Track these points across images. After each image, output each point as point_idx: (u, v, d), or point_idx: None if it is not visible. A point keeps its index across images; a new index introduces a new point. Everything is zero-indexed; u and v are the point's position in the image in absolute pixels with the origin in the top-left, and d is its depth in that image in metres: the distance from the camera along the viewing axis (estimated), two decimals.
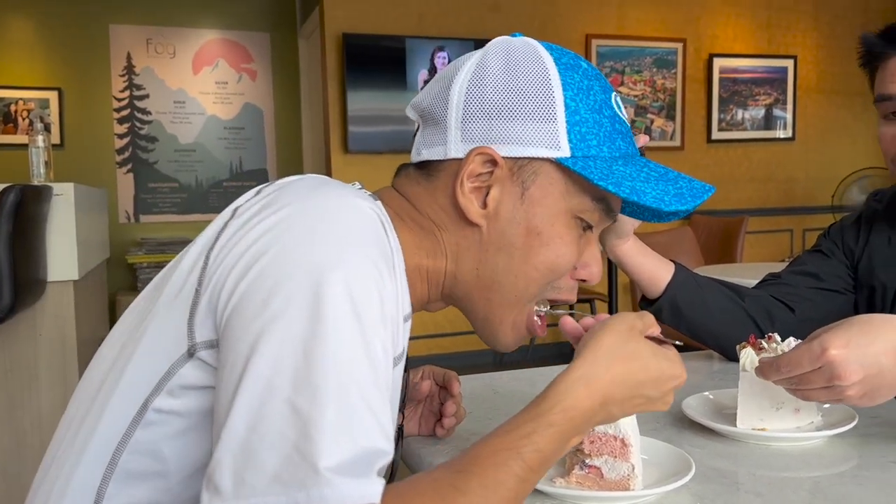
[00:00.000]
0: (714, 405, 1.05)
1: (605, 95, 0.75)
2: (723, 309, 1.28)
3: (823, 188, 5.90)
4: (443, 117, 0.74)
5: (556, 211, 0.72)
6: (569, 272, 0.76)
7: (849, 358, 0.81)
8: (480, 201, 0.72)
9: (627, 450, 0.75)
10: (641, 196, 0.70)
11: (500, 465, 0.60)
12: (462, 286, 0.76)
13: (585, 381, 0.65)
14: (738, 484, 0.83)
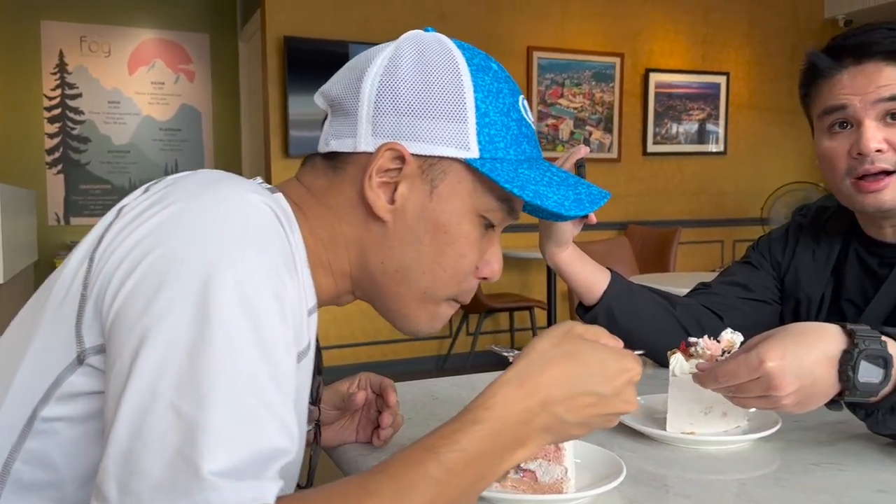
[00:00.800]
0: (645, 410, 1.08)
1: (514, 98, 0.76)
2: (655, 316, 1.32)
3: (753, 201, 6.11)
4: (353, 109, 0.73)
5: (463, 210, 0.73)
6: (473, 271, 0.77)
7: (784, 369, 0.83)
8: (388, 196, 0.73)
9: (561, 453, 0.76)
10: (544, 200, 0.72)
11: (416, 466, 0.59)
12: (369, 279, 0.76)
13: (518, 380, 0.64)
14: (668, 486, 0.85)
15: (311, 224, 0.74)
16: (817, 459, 0.91)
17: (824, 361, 0.85)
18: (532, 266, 5.40)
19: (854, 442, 0.96)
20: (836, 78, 1.14)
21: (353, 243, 0.75)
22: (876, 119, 1.10)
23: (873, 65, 1.10)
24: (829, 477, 0.85)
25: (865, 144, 1.09)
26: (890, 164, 1.10)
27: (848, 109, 1.12)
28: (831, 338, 0.86)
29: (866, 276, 1.27)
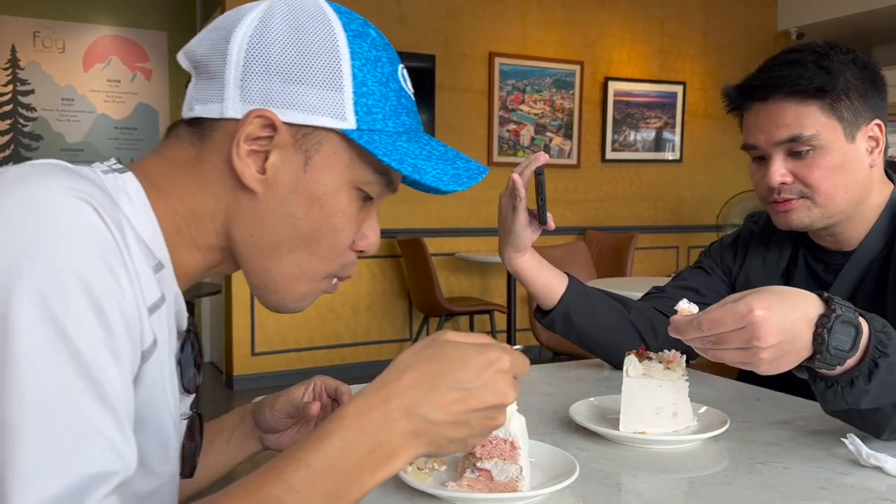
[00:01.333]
0: (599, 410, 1.10)
1: (393, 68, 0.72)
2: (610, 319, 1.34)
3: (708, 208, 6.24)
4: (220, 72, 0.68)
5: (340, 183, 0.70)
6: (350, 245, 0.74)
7: (770, 320, 0.83)
8: (258, 166, 0.68)
9: (516, 452, 0.78)
10: (422, 174, 0.69)
11: (260, 488, 0.56)
12: (238, 249, 0.72)
13: (374, 389, 0.61)
14: (620, 484, 0.87)
15: (168, 200, 0.69)
16: (763, 458, 0.93)
17: (804, 321, 0.86)
18: (492, 270, 5.44)
19: (798, 442, 0.99)
20: (747, 115, 1.25)
21: (220, 215, 0.70)
22: (782, 153, 1.19)
23: (775, 104, 1.18)
24: (774, 475, 0.88)
25: (771, 179, 1.20)
26: (794, 195, 1.20)
27: (758, 148, 1.23)
28: (811, 301, 0.88)
29: (814, 282, 1.31)
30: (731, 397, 1.23)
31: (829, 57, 1.17)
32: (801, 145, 1.17)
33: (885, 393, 0.89)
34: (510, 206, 1.24)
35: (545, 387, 1.31)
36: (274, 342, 4.85)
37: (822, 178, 1.18)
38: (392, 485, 0.83)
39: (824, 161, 1.17)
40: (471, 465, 0.80)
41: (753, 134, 1.23)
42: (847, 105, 1.16)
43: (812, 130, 1.16)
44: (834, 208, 1.20)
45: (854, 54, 1.19)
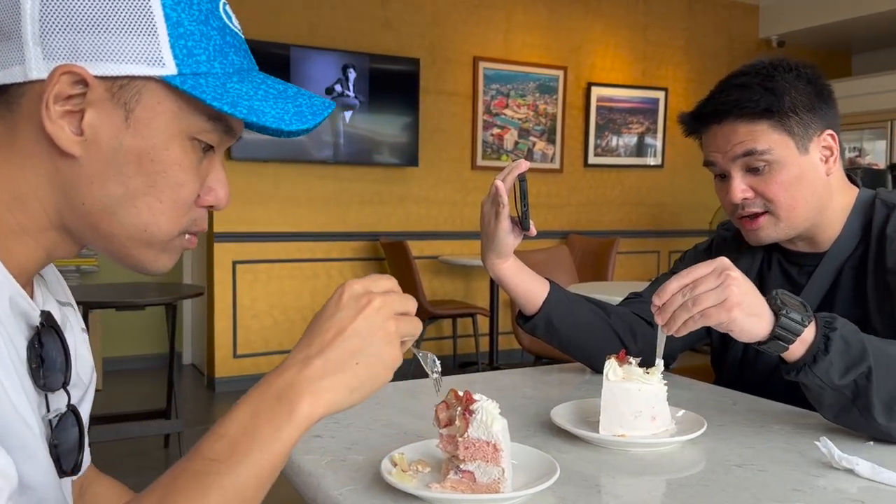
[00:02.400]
0: (580, 413, 1.12)
1: (212, 4, 0.68)
2: (591, 324, 1.36)
3: (689, 213, 6.30)
4: (15, 30, 0.61)
5: (169, 134, 0.65)
6: (196, 201, 0.70)
7: (739, 279, 0.98)
8: (74, 127, 0.62)
9: (498, 454, 0.79)
10: (260, 116, 0.65)
11: (184, 466, 0.59)
12: (76, 224, 0.67)
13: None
14: (599, 486, 0.89)
15: None
16: (739, 461, 0.96)
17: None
18: (475, 273, 5.46)
19: (772, 445, 1.02)
20: (705, 137, 1.31)
21: (45, 191, 0.65)
22: (741, 170, 1.25)
23: (729, 125, 1.25)
24: (749, 477, 0.90)
25: (733, 195, 1.25)
26: (759, 208, 1.26)
27: (717, 166, 1.29)
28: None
29: (787, 285, 1.35)
30: (708, 401, 1.25)
31: (774, 77, 1.23)
32: (756, 160, 1.22)
33: (850, 365, 0.98)
34: (493, 213, 1.26)
35: (527, 390, 1.33)
36: (256, 344, 4.84)
37: (781, 191, 1.23)
38: (376, 487, 0.85)
39: (781, 175, 1.23)
40: (454, 466, 0.81)
41: (711, 153, 1.29)
42: (796, 120, 1.22)
43: (765, 146, 1.22)
44: (797, 219, 1.25)
45: (798, 70, 1.25)
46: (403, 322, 0.70)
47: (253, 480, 0.59)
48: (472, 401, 0.81)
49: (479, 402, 0.81)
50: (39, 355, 0.68)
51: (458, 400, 0.82)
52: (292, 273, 4.90)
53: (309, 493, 0.89)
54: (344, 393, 0.65)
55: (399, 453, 0.88)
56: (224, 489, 0.58)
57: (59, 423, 0.71)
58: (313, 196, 4.91)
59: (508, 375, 1.48)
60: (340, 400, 0.65)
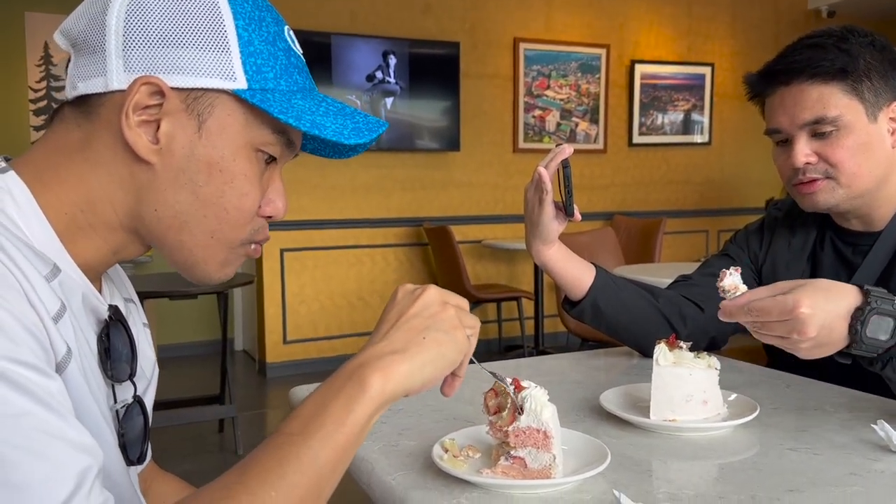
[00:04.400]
0: (629, 398, 1.11)
1: (278, 28, 0.72)
2: (638, 308, 1.35)
3: (738, 190, 6.18)
4: (100, 45, 0.66)
5: (237, 145, 0.68)
6: (257, 211, 0.73)
7: (814, 318, 0.93)
8: (151, 136, 0.66)
9: (549, 441, 0.80)
10: (322, 129, 0.68)
11: (265, 445, 0.62)
12: (147, 231, 0.70)
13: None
14: (651, 471, 0.89)
15: (58, 191, 0.67)
16: (793, 444, 0.95)
17: (844, 318, 0.96)
18: (519, 257, 5.45)
19: (827, 429, 1.00)
20: (770, 101, 1.27)
21: (118, 194, 0.68)
22: (806, 135, 1.22)
23: (798, 87, 1.21)
24: (804, 461, 0.89)
25: (795, 159, 1.22)
26: (819, 174, 1.23)
27: (781, 132, 1.25)
28: (851, 295, 0.97)
29: (841, 265, 1.32)
30: (760, 384, 1.24)
31: (848, 40, 1.19)
32: (824, 126, 1.19)
33: None
34: (536, 199, 1.25)
35: (575, 375, 1.33)
36: (305, 330, 4.92)
37: (847, 158, 1.20)
38: (429, 472, 0.86)
39: (848, 140, 1.19)
40: (505, 452, 0.82)
41: (776, 117, 1.25)
42: (868, 86, 1.19)
43: (835, 111, 1.18)
44: (858, 188, 1.22)
45: (872, 37, 1.22)
46: (462, 312, 0.72)
47: (328, 453, 0.61)
48: (521, 388, 0.82)
49: (527, 389, 0.81)
50: (107, 348, 0.71)
51: (513, 385, 0.83)
52: (338, 260, 4.96)
53: (363, 479, 0.91)
54: (415, 367, 0.66)
55: (450, 439, 0.89)
56: (300, 460, 0.60)
57: (126, 414, 0.75)
58: (357, 184, 4.94)
59: (556, 360, 1.48)
60: (412, 376, 0.66)
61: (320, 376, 0.96)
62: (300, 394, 1.23)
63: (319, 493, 0.61)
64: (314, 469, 0.60)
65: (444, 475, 0.84)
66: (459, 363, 0.72)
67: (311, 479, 0.60)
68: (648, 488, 0.83)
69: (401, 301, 0.71)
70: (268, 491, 0.58)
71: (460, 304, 0.73)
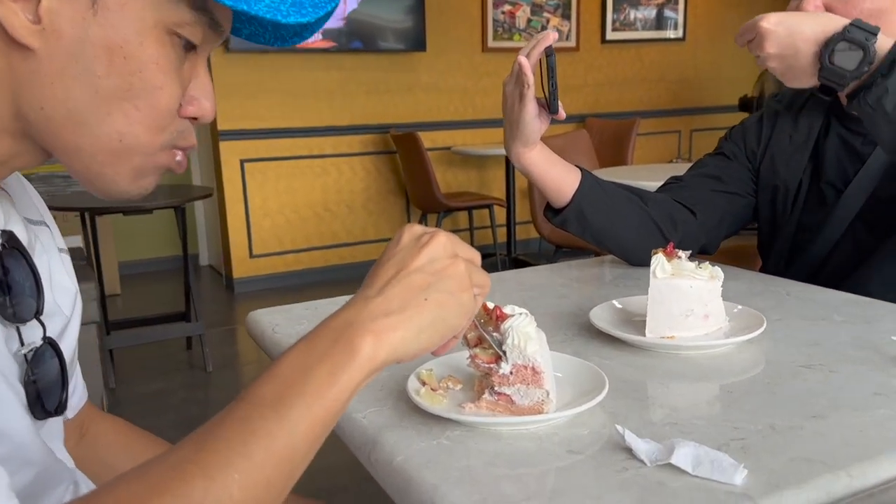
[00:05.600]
0: (622, 314, 1.01)
1: None
2: (627, 214, 1.24)
3: (712, 88, 6.04)
4: None
5: (145, 25, 0.53)
6: (178, 110, 0.58)
7: (773, 34, 1.00)
8: (30, 13, 0.51)
9: (539, 377, 0.69)
10: (251, 4, 0.54)
11: (226, 414, 0.49)
12: (37, 132, 0.56)
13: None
14: (652, 397, 0.80)
15: None
16: (806, 361, 0.86)
17: (811, 39, 0.98)
18: (490, 163, 5.31)
19: (842, 342, 0.92)
20: None
21: None
22: None
23: None
24: (820, 380, 0.80)
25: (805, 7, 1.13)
26: None
27: None
28: (831, 23, 0.98)
29: (848, 157, 1.22)
30: (759, 292, 1.15)
31: None
32: None
33: None
34: (516, 95, 1.11)
35: (560, 288, 1.23)
36: (271, 244, 4.78)
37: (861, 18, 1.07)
38: (404, 408, 0.76)
39: (866, 3, 1.08)
40: (489, 386, 0.72)
41: None
42: None
43: None
44: None
45: None
46: (473, 268, 0.60)
47: (305, 429, 0.49)
48: (503, 317, 0.71)
49: (511, 318, 0.70)
50: (5, 283, 0.59)
51: (487, 315, 0.72)
52: (302, 171, 4.77)
53: None
54: (411, 332, 0.55)
55: (427, 369, 0.78)
56: (272, 437, 0.48)
57: (35, 358, 0.62)
58: (318, 88, 4.70)
59: (535, 273, 1.37)
60: (408, 341, 0.55)
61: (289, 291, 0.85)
62: (259, 320, 1.12)
63: (290, 474, 0.50)
64: (288, 447, 0.49)
65: (421, 412, 0.73)
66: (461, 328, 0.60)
67: (283, 459, 0.48)
68: (651, 418, 0.74)
69: (404, 249, 0.59)
70: (230, 473, 0.46)
71: (472, 259, 0.61)
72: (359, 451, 0.73)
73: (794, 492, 0.59)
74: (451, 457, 0.66)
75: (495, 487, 0.62)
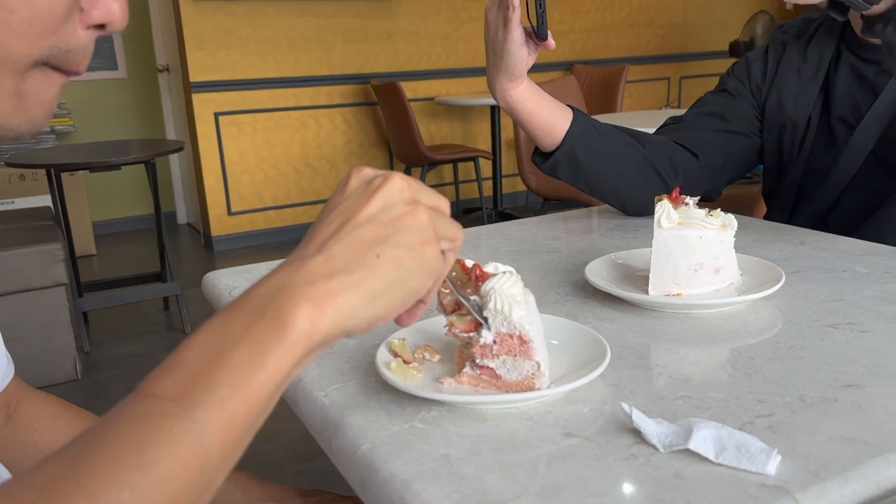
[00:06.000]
0: (620, 269, 0.90)
1: None
2: (624, 158, 1.13)
3: (702, 33, 5.87)
4: None
5: None
6: (70, 16, 0.43)
7: None
8: None
9: (528, 346, 0.58)
10: None
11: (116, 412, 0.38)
12: None
13: None
14: (659, 366, 0.69)
15: None
16: (832, 320, 0.75)
17: None
18: (475, 114, 5.15)
19: (868, 296, 0.81)
20: None
21: None
22: None
23: None
24: (850, 340, 0.70)
25: None
26: None
27: None
28: None
29: (860, 88, 1.11)
30: (769, 242, 1.04)
31: None
32: None
33: None
34: (500, 21, 0.98)
35: (550, 242, 1.12)
36: (249, 200, 4.63)
37: None
38: (373, 385, 0.65)
39: None
40: (471, 357, 0.61)
41: None
42: None
43: None
44: None
45: None
46: (439, 217, 0.48)
47: (219, 430, 0.38)
48: (484, 276, 0.60)
49: (493, 279, 0.59)
50: None
51: (466, 274, 0.60)
52: (279, 123, 4.60)
53: (287, 393, 0.70)
54: (361, 298, 0.43)
55: (399, 339, 0.67)
56: (175, 439, 0.36)
57: None
58: (293, 36, 4.50)
59: (522, 225, 1.26)
60: (357, 309, 0.43)
61: (270, 249, 0.72)
62: (216, 283, 1.00)
63: (204, 488, 0.38)
64: (198, 455, 0.37)
65: (392, 389, 0.63)
66: (428, 290, 0.49)
67: (193, 469, 0.37)
68: (661, 391, 0.63)
69: (351, 196, 0.48)
70: (118, 492, 0.34)
71: (438, 206, 0.50)
72: (319, 437, 0.63)
73: (837, 482, 0.49)
74: (427, 444, 0.56)
75: (478, 482, 0.51)
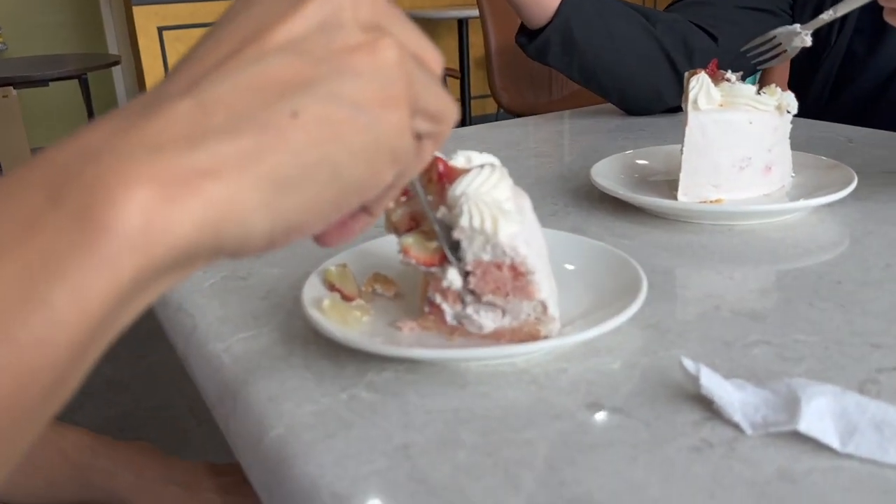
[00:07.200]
0: (637, 170, 0.70)
1: None
2: (628, 38, 0.91)
3: None
4: None
5: None
6: None
7: None
8: None
9: (526, 280, 0.37)
10: None
11: None
12: None
13: None
14: (712, 297, 0.49)
15: None
16: None
17: None
18: (441, 28, 4.84)
19: None
20: None
21: None
22: None
23: None
24: None
25: None
26: None
27: None
28: None
29: None
30: (808, 140, 0.84)
31: None
32: None
33: None
34: None
35: (541, 145, 0.90)
36: None
37: None
38: (299, 334, 0.44)
39: None
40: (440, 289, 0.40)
41: None
42: None
43: None
44: None
45: None
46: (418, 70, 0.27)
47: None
48: (451, 174, 0.38)
49: (464, 179, 0.37)
50: None
51: (426, 174, 0.39)
52: None
53: (179, 345, 0.48)
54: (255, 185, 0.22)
55: (337, 265, 0.46)
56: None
57: None
58: None
59: (504, 128, 1.04)
60: (243, 202, 0.22)
61: None
62: None
63: None
64: None
65: (325, 340, 0.42)
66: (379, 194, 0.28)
67: None
68: (723, 334, 0.43)
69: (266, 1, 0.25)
70: None
71: (420, 50, 0.28)
72: (215, 411, 0.42)
73: None
74: (375, 426, 0.35)
75: (456, 494, 0.31)
